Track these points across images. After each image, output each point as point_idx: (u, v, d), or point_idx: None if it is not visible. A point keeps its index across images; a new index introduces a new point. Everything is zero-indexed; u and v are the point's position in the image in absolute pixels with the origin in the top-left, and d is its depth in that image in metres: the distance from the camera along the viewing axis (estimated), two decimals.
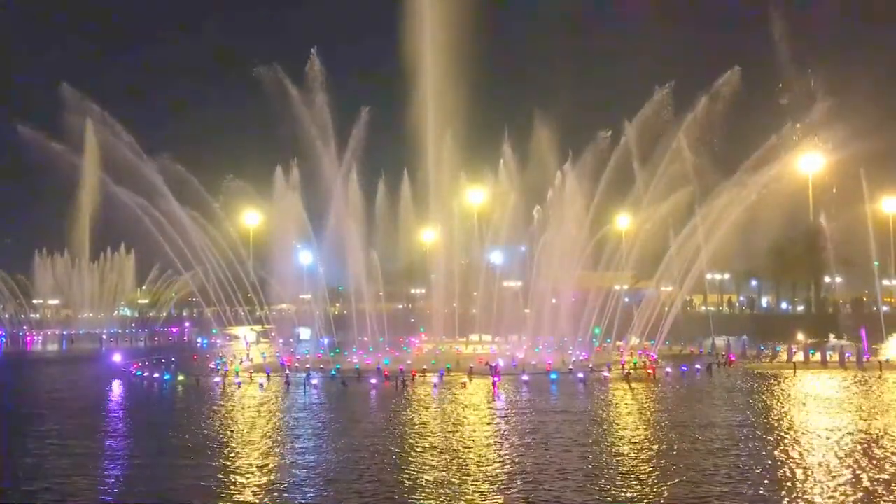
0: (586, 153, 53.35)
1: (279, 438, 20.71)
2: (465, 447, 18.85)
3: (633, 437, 20.36)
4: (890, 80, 59.51)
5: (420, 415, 24.43)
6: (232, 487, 15.24)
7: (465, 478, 15.77)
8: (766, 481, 15.33)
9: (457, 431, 21.11)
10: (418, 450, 18.65)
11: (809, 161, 68.89)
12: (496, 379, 31.02)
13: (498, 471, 16.43)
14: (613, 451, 18.35)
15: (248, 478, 16.07)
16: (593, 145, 53.44)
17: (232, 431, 21.69)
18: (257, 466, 17.17)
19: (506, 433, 21.11)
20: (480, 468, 16.66)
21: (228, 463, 17.46)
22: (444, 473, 16.19)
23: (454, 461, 17.30)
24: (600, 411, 24.92)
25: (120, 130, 50.30)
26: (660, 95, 49.02)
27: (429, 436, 20.48)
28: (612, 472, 16.07)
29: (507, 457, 17.77)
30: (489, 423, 22.80)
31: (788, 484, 15.14)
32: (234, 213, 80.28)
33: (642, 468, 16.43)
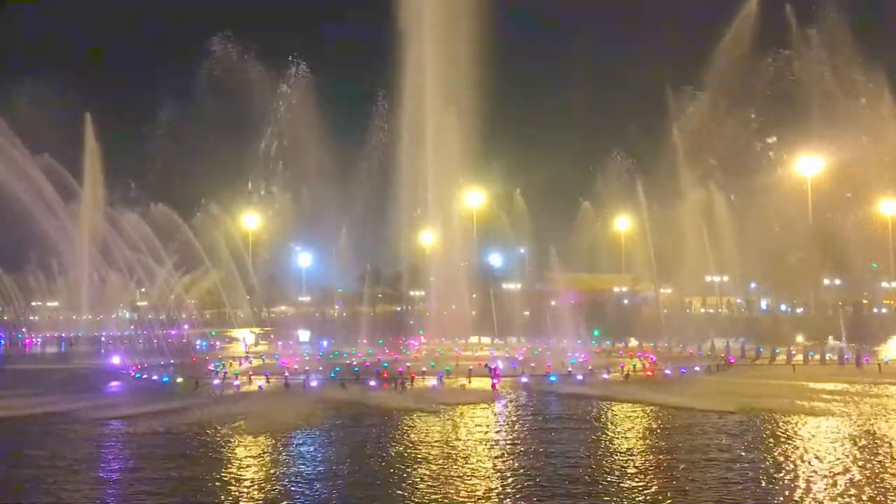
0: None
1: (276, 441, 20.65)
2: (463, 451, 18.83)
3: (632, 441, 20.34)
4: (890, 82, 59.56)
5: (418, 417, 24.39)
6: (227, 492, 15.20)
7: (461, 482, 15.74)
8: (768, 486, 15.31)
9: (455, 433, 21.09)
10: (415, 453, 18.63)
11: (808, 164, 68.95)
12: (495, 381, 30.97)
13: (495, 477, 16.40)
14: (611, 457, 18.29)
15: (243, 481, 16.04)
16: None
17: (229, 434, 21.64)
18: (252, 470, 17.14)
19: (504, 437, 21.06)
20: (478, 473, 16.64)
21: (225, 466, 17.43)
22: (440, 478, 16.17)
23: (451, 465, 17.28)
24: (599, 414, 24.88)
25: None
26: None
27: (426, 439, 20.44)
28: (609, 481, 15.94)
29: (505, 463, 17.70)
30: (487, 426, 22.76)
31: (790, 489, 15.12)
32: (233, 217, 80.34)
33: (641, 477, 16.38)
